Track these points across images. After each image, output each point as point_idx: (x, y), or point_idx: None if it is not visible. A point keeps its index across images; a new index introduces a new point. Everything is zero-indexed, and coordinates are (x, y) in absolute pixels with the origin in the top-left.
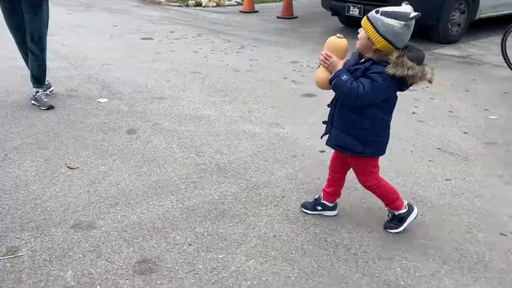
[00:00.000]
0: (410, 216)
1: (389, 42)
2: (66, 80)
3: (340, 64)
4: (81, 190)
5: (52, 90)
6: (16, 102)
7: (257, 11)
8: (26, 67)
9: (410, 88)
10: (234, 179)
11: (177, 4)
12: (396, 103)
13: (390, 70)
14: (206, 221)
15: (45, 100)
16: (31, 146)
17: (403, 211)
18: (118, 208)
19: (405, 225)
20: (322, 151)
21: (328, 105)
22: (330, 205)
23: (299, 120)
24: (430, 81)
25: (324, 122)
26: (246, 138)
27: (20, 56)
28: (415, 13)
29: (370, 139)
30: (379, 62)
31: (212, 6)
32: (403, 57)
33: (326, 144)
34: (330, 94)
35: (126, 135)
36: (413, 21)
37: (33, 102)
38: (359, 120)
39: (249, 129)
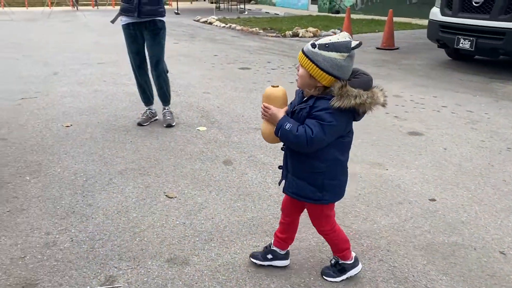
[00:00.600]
0: (353, 270)
1: (335, 76)
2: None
3: (280, 113)
4: (178, 222)
5: (157, 118)
6: (123, 127)
7: None
8: (137, 92)
9: None
10: None
11: (274, 34)
12: None
13: (335, 103)
14: (303, 270)
15: (144, 119)
16: (134, 171)
17: (348, 262)
18: (213, 244)
19: (344, 277)
20: (433, 200)
21: (281, 148)
22: (282, 252)
23: (404, 162)
24: (383, 105)
25: (279, 167)
26: None
27: (130, 82)
28: (357, 42)
29: (328, 184)
30: (323, 97)
31: (309, 37)
32: (345, 86)
33: (282, 191)
34: (439, 133)
35: (223, 165)
36: (355, 50)
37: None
38: (313, 163)
39: (349, 168)
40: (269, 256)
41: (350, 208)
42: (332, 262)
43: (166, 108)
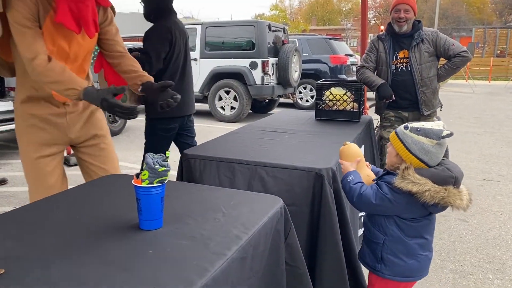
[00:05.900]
0: None
1: (421, 160)
2: None
3: (351, 167)
4: None
5: None
6: None
7: None
8: None
9: None
10: None
11: None
12: None
13: (397, 182)
14: None
15: None
16: None
17: None
18: None
19: None
20: None
21: None
22: None
23: None
24: (463, 209)
25: None
26: None
27: None
28: (448, 132)
29: (386, 257)
30: (393, 172)
31: None
32: (407, 170)
33: None
34: None
35: None
36: (446, 139)
37: None
38: (374, 232)
39: None
40: None
41: None
42: None
43: None
